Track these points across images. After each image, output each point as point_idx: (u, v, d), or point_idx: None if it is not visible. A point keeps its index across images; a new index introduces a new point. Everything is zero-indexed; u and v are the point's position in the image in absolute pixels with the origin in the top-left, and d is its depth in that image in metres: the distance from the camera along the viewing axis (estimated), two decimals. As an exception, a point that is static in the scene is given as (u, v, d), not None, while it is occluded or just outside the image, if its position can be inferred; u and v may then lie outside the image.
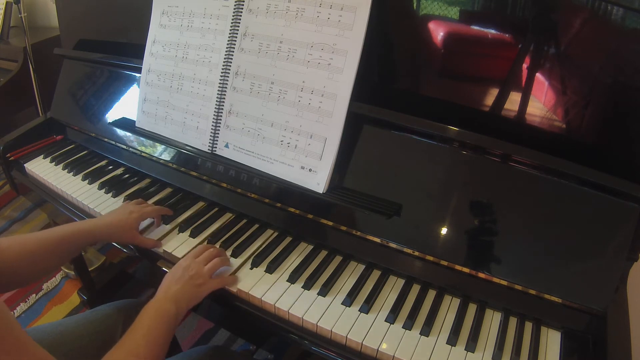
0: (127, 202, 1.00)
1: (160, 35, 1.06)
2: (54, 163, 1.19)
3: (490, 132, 0.76)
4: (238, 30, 0.93)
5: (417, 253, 0.80)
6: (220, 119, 0.97)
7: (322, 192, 0.85)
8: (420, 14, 0.83)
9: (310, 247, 0.90)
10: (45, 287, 1.77)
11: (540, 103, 0.77)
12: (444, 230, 0.78)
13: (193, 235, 0.92)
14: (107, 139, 1.18)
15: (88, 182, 1.10)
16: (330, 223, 0.87)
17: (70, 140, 1.29)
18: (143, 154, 1.11)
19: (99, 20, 1.26)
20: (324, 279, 0.81)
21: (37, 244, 0.77)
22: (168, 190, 1.08)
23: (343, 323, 0.74)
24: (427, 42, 0.84)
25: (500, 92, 0.80)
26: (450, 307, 0.78)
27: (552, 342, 0.73)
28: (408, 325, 0.73)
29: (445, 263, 0.78)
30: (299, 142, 0.87)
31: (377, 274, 0.84)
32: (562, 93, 0.75)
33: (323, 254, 0.88)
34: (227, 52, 0.95)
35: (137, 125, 1.11)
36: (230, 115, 0.95)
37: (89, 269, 1.64)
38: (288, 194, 0.90)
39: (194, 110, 1.01)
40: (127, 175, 1.13)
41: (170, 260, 0.89)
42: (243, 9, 0.92)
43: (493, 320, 0.76)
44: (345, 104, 0.82)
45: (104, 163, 1.19)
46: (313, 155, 0.86)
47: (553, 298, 0.72)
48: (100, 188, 1.08)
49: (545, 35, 0.74)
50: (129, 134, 1.12)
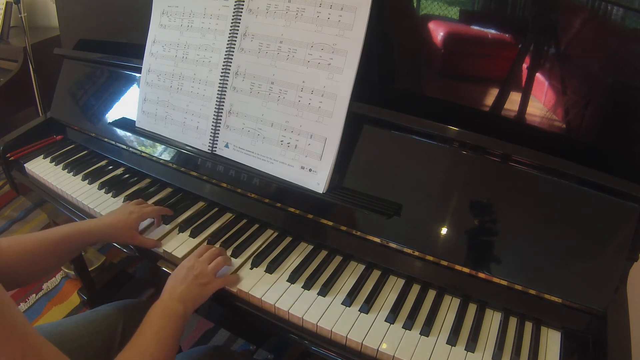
0: (127, 202, 0.99)
1: (160, 35, 1.06)
2: (54, 163, 1.19)
3: (490, 132, 0.76)
4: (238, 30, 0.93)
5: (417, 253, 0.80)
6: (220, 119, 0.97)
7: (322, 192, 0.85)
8: (420, 14, 0.83)
9: (310, 247, 0.90)
10: (45, 287, 1.77)
11: (540, 103, 0.77)
12: (444, 230, 0.78)
13: (193, 235, 0.92)
14: (107, 139, 1.18)
15: (88, 182, 1.10)
16: (330, 223, 0.87)
17: (70, 140, 1.29)
18: (143, 154, 1.11)
19: (99, 20, 1.26)
20: (324, 279, 0.81)
21: (37, 244, 0.77)
22: (168, 190, 1.08)
23: (343, 323, 0.74)
24: (427, 42, 0.84)
25: (500, 92, 0.80)
26: (450, 307, 0.78)
27: (552, 342, 0.73)
28: (408, 325, 0.73)
29: (445, 263, 0.78)
30: (299, 142, 0.87)
31: (377, 274, 0.84)
32: (562, 93, 0.75)
33: (323, 254, 0.88)
34: (227, 52, 0.95)
35: (137, 125, 1.11)
36: (230, 115, 0.95)
37: (89, 269, 1.64)
38: (288, 194, 0.90)
39: (194, 110, 1.01)
40: (127, 175, 1.13)
41: (170, 260, 0.89)
42: (243, 9, 0.92)
43: (493, 320, 0.76)
44: (345, 104, 0.82)
45: (104, 163, 1.19)
46: (313, 155, 0.86)
47: (553, 298, 0.72)
48: (100, 188, 1.08)
49: (545, 35, 0.74)
50: (129, 134, 1.12)
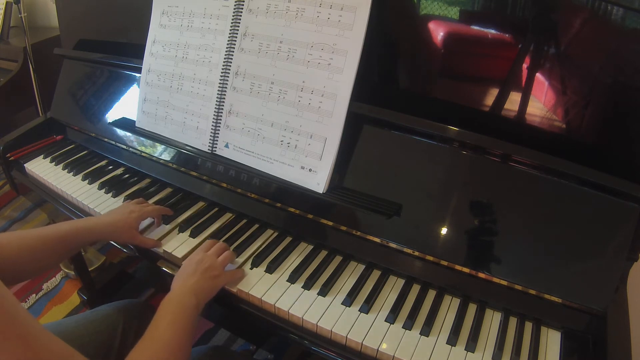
0: (127, 201, 1.00)
1: (160, 35, 1.06)
2: (54, 163, 1.19)
3: (490, 132, 0.76)
4: (238, 30, 0.93)
5: (417, 253, 0.80)
6: (220, 119, 0.97)
7: (322, 192, 0.85)
8: (420, 14, 0.83)
9: (310, 247, 0.90)
10: (45, 287, 1.77)
11: (540, 103, 0.77)
12: (444, 230, 0.78)
13: (193, 235, 0.92)
14: (107, 139, 1.18)
15: (88, 182, 1.10)
16: (330, 223, 0.87)
17: (70, 140, 1.29)
18: (143, 154, 1.11)
19: (99, 20, 1.26)
20: (324, 279, 0.81)
21: (37, 241, 0.77)
22: (168, 190, 1.08)
23: (343, 323, 0.74)
24: (427, 42, 0.84)
25: (500, 92, 0.80)
26: (450, 307, 0.78)
27: (552, 342, 0.73)
28: (408, 325, 0.73)
29: (445, 263, 0.78)
30: (299, 142, 0.87)
31: (377, 274, 0.84)
32: (562, 93, 0.75)
33: (323, 254, 0.88)
34: (227, 52, 0.95)
35: (137, 125, 1.11)
36: (230, 115, 0.95)
37: (89, 269, 1.64)
38: (288, 194, 0.90)
39: (194, 110, 1.01)
40: (127, 175, 1.13)
41: (170, 260, 0.89)
42: (243, 9, 0.92)
43: (493, 320, 0.76)
44: (345, 104, 0.82)
45: (104, 163, 1.19)
46: (313, 155, 0.86)
47: (553, 298, 0.72)
48: (100, 188, 1.08)
49: (545, 35, 0.74)
50: (129, 134, 1.12)
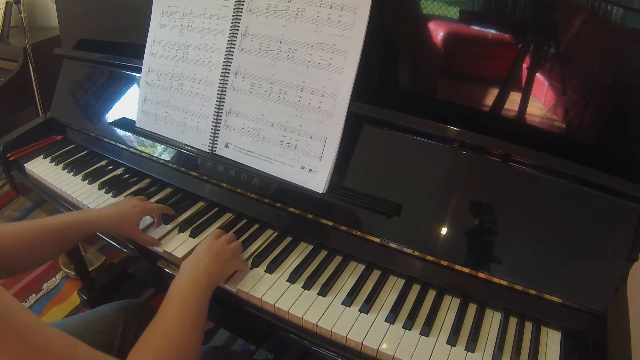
0: (130, 196, 1.00)
1: (160, 35, 1.06)
2: (54, 163, 1.19)
3: (490, 132, 0.76)
4: (238, 30, 0.93)
5: (417, 253, 0.80)
6: (220, 119, 0.97)
7: (322, 192, 0.85)
8: (420, 14, 0.83)
9: (310, 247, 0.90)
10: (45, 287, 1.77)
11: (540, 103, 0.77)
12: (444, 230, 0.78)
13: (193, 235, 0.92)
14: (107, 139, 1.18)
15: (88, 182, 1.10)
16: (330, 223, 0.87)
17: (70, 140, 1.29)
18: (143, 154, 1.11)
19: (99, 20, 1.26)
20: (324, 279, 0.81)
21: (36, 232, 0.76)
22: (168, 190, 1.08)
23: (343, 323, 0.74)
24: (427, 42, 0.84)
25: (500, 92, 0.80)
26: (450, 307, 0.78)
27: (552, 342, 0.73)
28: (408, 325, 0.73)
29: (445, 263, 0.78)
30: (299, 142, 0.87)
31: (377, 274, 0.84)
32: (562, 93, 0.75)
33: (323, 254, 0.88)
34: (227, 52, 0.95)
35: (137, 125, 1.11)
36: (230, 115, 0.95)
37: (89, 269, 1.64)
38: (288, 194, 0.90)
39: (194, 110, 1.01)
40: (127, 175, 1.13)
41: (170, 260, 0.89)
42: (243, 9, 0.92)
43: (493, 320, 0.76)
44: (345, 104, 0.82)
45: (104, 163, 1.19)
46: (313, 155, 0.86)
47: (553, 298, 0.72)
48: (100, 188, 1.08)
49: (545, 35, 0.74)
50: (129, 134, 1.12)
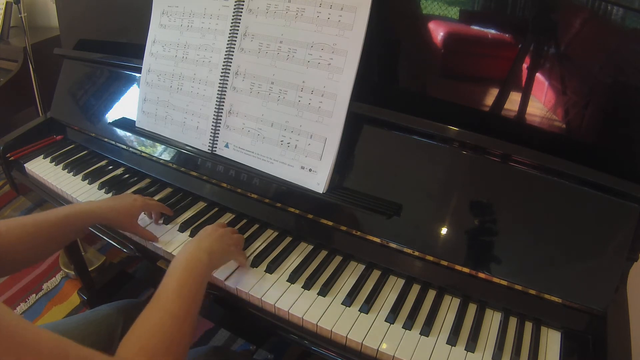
0: (131, 193, 1.00)
1: (160, 35, 1.06)
2: (54, 163, 1.19)
3: (490, 132, 0.76)
4: (238, 30, 0.93)
5: (417, 253, 0.80)
6: (220, 119, 0.97)
7: (322, 192, 0.85)
8: (420, 14, 0.83)
9: (310, 247, 0.90)
10: (45, 287, 1.77)
11: (540, 103, 0.77)
12: (444, 230, 0.78)
13: (193, 235, 0.92)
14: (107, 139, 1.18)
15: (88, 182, 1.10)
16: (330, 223, 0.87)
17: (70, 140, 1.29)
18: (143, 154, 1.11)
19: (99, 20, 1.26)
20: (324, 279, 0.81)
21: (37, 227, 0.76)
22: (168, 190, 1.08)
23: (343, 323, 0.74)
24: (427, 42, 0.84)
25: (500, 92, 0.80)
26: (450, 307, 0.78)
27: (552, 342, 0.73)
28: (408, 325, 0.73)
29: (445, 263, 0.78)
30: (299, 142, 0.87)
31: (377, 274, 0.84)
32: (562, 93, 0.75)
33: (323, 254, 0.88)
34: (227, 52, 0.95)
35: (137, 125, 1.11)
36: (230, 115, 0.95)
37: (89, 269, 1.64)
38: (288, 194, 0.90)
39: (194, 110, 1.01)
40: (127, 175, 1.13)
41: (170, 261, 0.89)
42: (243, 9, 0.92)
43: (493, 320, 0.76)
44: (345, 104, 0.82)
45: (104, 163, 1.19)
46: (313, 155, 0.86)
47: (553, 298, 0.72)
48: (100, 188, 1.08)
49: (545, 35, 0.74)
50: (129, 134, 1.12)
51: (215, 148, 0.98)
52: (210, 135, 0.98)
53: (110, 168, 1.16)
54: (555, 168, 0.73)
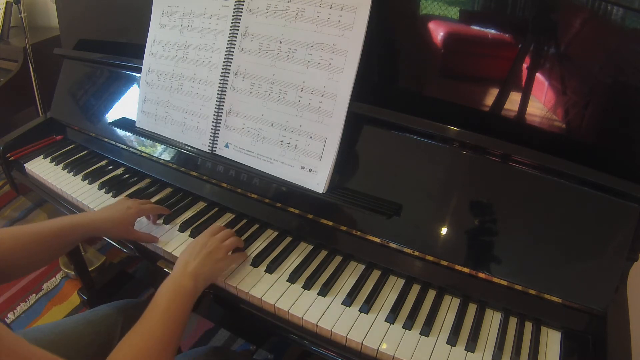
0: (126, 197, 1.00)
1: (160, 35, 1.06)
2: (54, 163, 1.19)
3: (490, 132, 0.76)
4: (238, 30, 0.93)
5: (417, 253, 0.80)
6: (220, 119, 0.97)
7: (322, 192, 0.85)
8: (420, 14, 0.83)
9: (310, 247, 0.90)
10: (45, 287, 1.77)
11: (540, 103, 0.77)
12: (444, 230, 0.78)
13: (193, 236, 0.92)
14: (107, 139, 1.18)
15: (88, 182, 1.10)
16: (330, 223, 0.87)
17: (70, 140, 1.29)
18: (143, 154, 1.11)
19: (99, 20, 1.26)
20: (324, 279, 0.81)
21: (31, 237, 0.76)
22: (168, 190, 1.08)
23: (343, 323, 0.74)
24: (427, 42, 0.84)
25: (500, 92, 0.80)
26: (450, 307, 0.78)
27: (552, 342, 0.73)
28: (408, 325, 0.73)
29: (445, 263, 0.78)
30: (299, 142, 0.87)
31: (377, 274, 0.84)
32: (562, 93, 0.75)
33: (323, 254, 0.88)
34: (227, 52, 0.95)
35: (137, 125, 1.11)
36: (230, 115, 0.95)
37: (89, 269, 1.64)
38: (288, 194, 0.90)
39: (194, 110, 1.01)
40: (127, 175, 1.13)
41: (170, 260, 0.89)
42: (243, 9, 0.92)
43: (493, 320, 0.76)
44: (345, 104, 0.82)
45: (104, 163, 1.19)
46: (313, 155, 0.86)
47: (553, 298, 0.72)
48: (100, 188, 1.08)
49: (545, 35, 0.74)
50: (129, 134, 1.12)
51: (215, 148, 0.98)
52: (210, 135, 0.98)
53: (110, 168, 1.16)
54: (555, 168, 0.73)
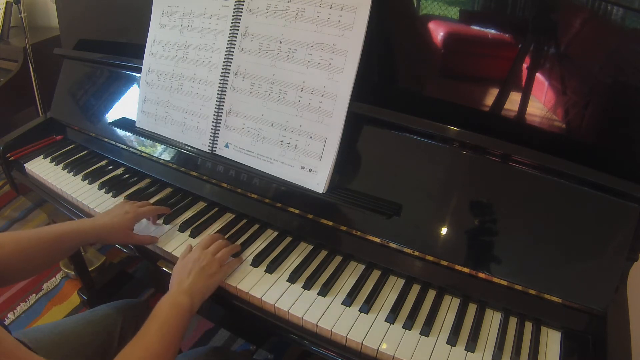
0: (123, 201, 0.99)
1: (160, 35, 1.06)
2: (54, 163, 1.19)
3: (490, 132, 0.76)
4: (238, 30, 0.93)
5: (417, 253, 0.80)
6: (220, 119, 0.97)
7: (322, 192, 0.85)
8: (420, 14, 0.83)
9: (310, 247, 0.90)
10: (45, 287, 1.77)
11: (540, 103, 0.77)
12: (444, 230, 0.78)
13: (193, 236, 0.92)
14: (107, 139, 1.18)
15: (88, 182, 1.10)
16: (330, 223, 0.87)
17: (70, 140, 1.29)
18: (143, 154, 1.11)
19: (99, 20, 1.26)
20: (324, 279, 0.81)
21: (30, 243, 0.76)
22: (168, 190, 1.08)
23: (343, 323, 0.74)
24: (427, 42, 0.84)
25: (500, 92, 0.80)
26: (450, 307, 0.78)
27: (552, 342, 0.73)
28: (408, 325, 0.73)
29: (445, 263, 0.78)
30: (299, 142, 0.87)
31: (377, 274, 0.84)
32: (562, 93, 0.75)
33: (323, 254, 0.88)
34: (227, 52, 0.95)
35: (137, 125, 1.11)
36: (230, 115, 0.95)
37: (89, 269, 1.64)
38: (288, 194, 0.90)
39: (194, 110, 1.01)
40: (127, 175, 1.13)
41: (170, 260, 0.89)
42: (243, 9, 0.92)
43: (493, 320, 0.76)
44: (345, 104, 0.82)
45: (104, 163, 1.19)
46: (313, 155, 0.86)
47: (553, 298, 0.72)
48: (100, 188, 1.08)
49: (545, 35, 0.74)
50: (129, 134, 1.12)
51: (215, 148, 0.98)
52: (210, 135, 0.98)
53: (110, 168, 1.16)
54: (555, 168, 0.73)
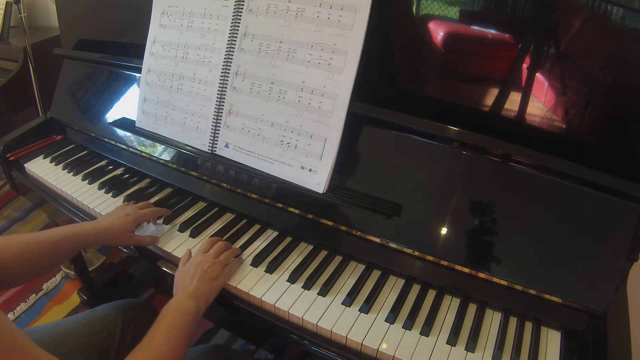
0: (124, 203, 0.99)
1: (160, 35, 1.06)
2: (54, 163, 1.19)
3: (490, 132, 0.76)
4: (238, 30, 0.93)
5: (417, 253, 0.80)
6: (220, 119, 0.97)
7: (322, 192, 0.85)
8: (420, 14, 0.83)
9: (310, 247, 0.90)
10: (45, 287, 1.77)
11: (540, 103, 0.77)
12: (444, 230, 0.78)
13: (193, 236, 0.92)
14: (107, 139, 1.18)
15: (88, 182, 1.10)
16: (330, 223, 0.87)
17: (70, 140, 1.29)
18: (143, 154, 1.11)
19: (99, 20, 1.26)
20: (324, 279, 0.81)
21: (31, 246, 0.77)
22: (168, 190, 1.08)
23: (343, 323, 0.74)
24: (427, 42, 0.84)
25: (500, 92, 0.80)
26: (450, 307, 0.78)
27: (552, 342, 0.73)
28: (408, 325, 0.73)
29: (445, 263, 0.78)
30: (299, 142, 0.87)
31: (377, 274, 0.84)
32: (562, 93, 0.75)
33: (323, 254, 0.88)
34: (227, 52, 0.95)
35: (137, 125, 1.11)
36: (230, 115, 0.95)
37: (89, 269, 1.64)
38: (288, 194, 0.90)
39: (194, 110, 1.01)
40: (127, 175, 1.13)
41: (170, 260, 0.89)
42: (243, 9, 0.92)
43: (493, 320, 0.76)
44: (345, 104, 0.82)
45: (104, 163, 1.19)
46: (313, 155, 0.86)
47: (553, 298, 0.72)
48: (100, 188, 1.08)
49: (545, 35, 0.74)
50: (129, 134, 1.12)
51: (215, 148, 0.98)
52: (210, 135, 0.98)
53: (110, 168, 1.16)
54: (555, 168, 0.73)
